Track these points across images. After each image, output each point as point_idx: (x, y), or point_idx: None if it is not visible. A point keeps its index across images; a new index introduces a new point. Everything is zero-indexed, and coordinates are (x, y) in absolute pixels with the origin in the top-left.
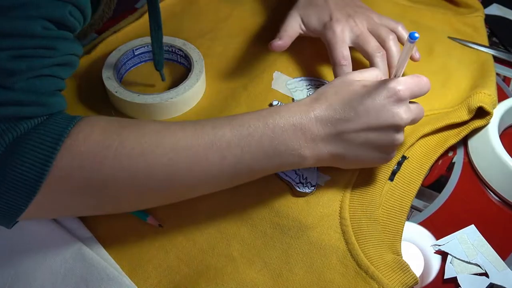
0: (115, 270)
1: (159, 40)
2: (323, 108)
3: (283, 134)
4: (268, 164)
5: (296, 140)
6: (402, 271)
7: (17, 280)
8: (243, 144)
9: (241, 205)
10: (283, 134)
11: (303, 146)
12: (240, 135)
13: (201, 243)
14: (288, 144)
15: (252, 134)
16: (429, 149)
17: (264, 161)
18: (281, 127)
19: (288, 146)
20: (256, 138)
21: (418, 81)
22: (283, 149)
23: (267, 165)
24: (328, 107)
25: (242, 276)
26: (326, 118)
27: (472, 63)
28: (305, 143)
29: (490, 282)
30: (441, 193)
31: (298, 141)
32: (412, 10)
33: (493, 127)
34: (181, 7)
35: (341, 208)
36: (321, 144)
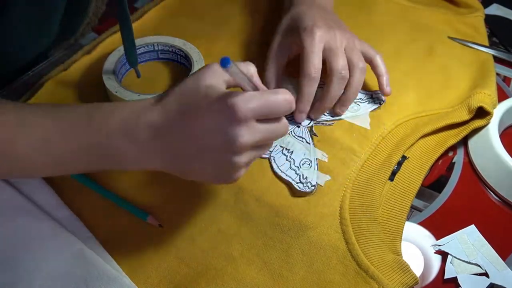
0: (115, 270)
1: (129, 38)
2: (158, 113)
3: (108, 138)
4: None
5: (120, 147)
6: (402, 271)
7: (17, 280)
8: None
9: (241, 205)
10: (108, 138)
11: (129, 154)
12: (62, 128)
13: (201, 243)
14: (112, 149)
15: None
16: (429, 149)
17: (84, 158)
18: (108, 130)
19: (112, 151)
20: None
21: (268, 100)
22: (105, 153)
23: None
24: (163, 112)
25: (242, 276)
26: (157, 125)
27: (472, 63)
28: (131, 152)
29: (490, 282)
30: (441, 193)
31: (123, 148)
32: (412, 10)
33: (493, 127)
34: (181, 7)
35: (341, 208)
36: (149, 154)
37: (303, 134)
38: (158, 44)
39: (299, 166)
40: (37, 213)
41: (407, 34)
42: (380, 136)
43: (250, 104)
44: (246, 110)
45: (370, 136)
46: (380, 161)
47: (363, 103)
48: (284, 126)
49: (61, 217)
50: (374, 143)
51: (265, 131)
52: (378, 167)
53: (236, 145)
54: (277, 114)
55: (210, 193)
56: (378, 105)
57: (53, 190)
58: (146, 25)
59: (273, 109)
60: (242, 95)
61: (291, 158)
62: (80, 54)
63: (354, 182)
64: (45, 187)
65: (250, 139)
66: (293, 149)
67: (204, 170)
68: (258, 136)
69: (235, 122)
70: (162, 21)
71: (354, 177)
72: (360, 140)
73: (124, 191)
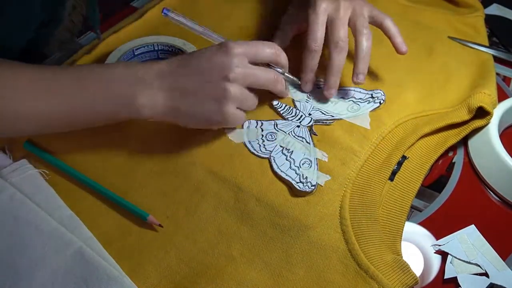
0: (115, 270)
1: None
2: (163, 62)
3: (119, 79)
4: (104, 109)
5: (132, 86)
6: (402, 271)
7: (17, 280)
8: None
9: (241, 205)
10: (120, 79)
11: (138, 93)
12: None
13: (201, 243)
14: (125, 89)
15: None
16: (429, 149)
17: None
18: (120, 73)
19: (123, 91)
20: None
21: (256, 45)
22: (119, 93)
23: (103, 109)
24: (168, 61)
25: (242, 276)
26: (164, 69)
27: (472, 63)
28: (140, 91)
29: (490, 282)
30: (441, 193)
31: (132, 87)
32: (412, 10)
33: (493, 127)
34: (181, 7)
35: (341, 208)
36: (156, 92)
37: (303, 134)
38: (158, 44)
39: (299, 166)
40: (37, 213)
41: (407, 34)
42: (380, 136)
43: (242, 46)
44: (239, 48)
45: (370, 136)
46: (380, 161)
47: (363, 103)
48: (271, 72)
49: (61, 217)
50: (374, 143)
51: (254, 69)
52: (378, 167)
53: (230, 72)
54: (263, 57)
55: (210, 193)
56: (378, 104)
57: (53, 190)
58: (146, 25)
59: (260, 52)
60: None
61: (291, 158)
62: (80, 54)
63: (354, 182)
64: (46, 187)
65: (241, 69)
66: (293, 149)
67: (200, 105)
68: (248, 70)
69: (229, 54)
70: (162, 21)
71: (354, 177)
72: (360, 140)
73: (124, 191)
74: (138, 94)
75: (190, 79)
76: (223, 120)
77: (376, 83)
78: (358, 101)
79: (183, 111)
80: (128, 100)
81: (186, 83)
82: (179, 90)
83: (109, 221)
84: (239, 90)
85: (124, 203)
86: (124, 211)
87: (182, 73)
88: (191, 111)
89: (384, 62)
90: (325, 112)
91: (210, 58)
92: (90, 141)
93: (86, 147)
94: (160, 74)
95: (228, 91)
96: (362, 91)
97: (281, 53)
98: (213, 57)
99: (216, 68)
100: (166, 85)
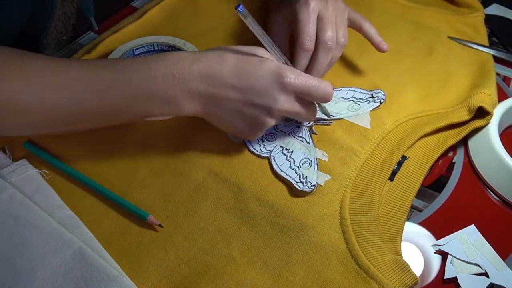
0: (115, 270)
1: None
2: (210, 65)
3: (163, 81)
4: (146, 107)
5: (173, 89)
6: (402, 271)
7: (17, 280)
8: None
9: (241, 205)
10: (163, 81)
11: (179, 96)
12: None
13: (201, 243)
14: (166, 91)
15: (131, 78)
16: (429, 149)
17: (141, 104)
18: (162, 75)
19: (166, 93)
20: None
21: (312, 83)
22: (160, 95)
23: (144, 108)
24: (216, 66)
25: (242, 276)
26: (208, 76)
27: (472, 63)
28: (182, 94)
29: (490, 282)
30: (441, 193)
31: (175, 90)
32: (412, 10)
33: (493, 127)
34: (181, 7)
35: (341, 208)
36: (197, 100)
37: (303, 134)
38: (158, 44)
39: (299, 166)
40: (37, 213)
41: (407, 34)
42: (380, 136)
43: (298, 79)
44: (294, 83)
45: (370, 136)
46: (380, 161)
47: (363, 103)
48: (313, 112)
49: (61, 217)
50: (374, 143)
51: (297, 108)
52: (378, 167)
53: (276, 107)
54: (314, 98)
55: (210, 193)
56: (379, 104)
57: (53, 191)
58: (146, 25)
59: (313, 93)
60: (293, 69)
61: (291, 158)
62: (80, 53)
63: (354, 182)
64: (46, 187)
65: (286, 108)
66: (293, 148)
67: (239, 123)
68: (291, 109)
69: (283, 90)
70: (162, 21)
71: (354, 177)
72: (360, 140)
73: (124, 191)
74: (179, 99)
75: (235, 94)
76: (253, 138)
77: (376, 83)
78: (358, 101)
79: (218, 121)
80: (169, 101)
81: (228, 104)
82: (222, 100)
83: (109, 221)
84: (275, 122)
85: (124, 203)
86: (124, 211)
87: (226, 91)
88: (225, 125)
89: (385, 62)
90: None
91: (262, 83)
92: (90, 141)
93: (86, 147)
94: (203, 78)
95: (267, 124)
96: (362, 91)
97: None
98: (266, 83)
99: (264, 97)
100: (207, 98)
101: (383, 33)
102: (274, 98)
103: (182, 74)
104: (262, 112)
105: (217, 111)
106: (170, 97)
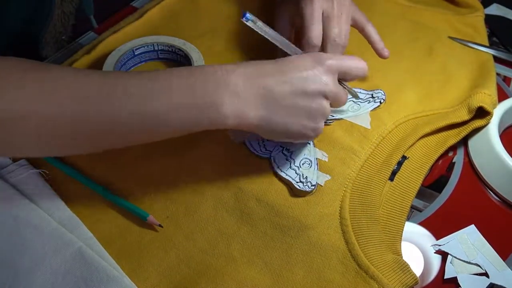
0: (115, 270)
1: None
2: (251, 64)
3: (204, 86)
4: (186, 119)
5: (217, 93)
6: (402, 271)
7: (17, 280)
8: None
9: (241, 205)
10: (204, 86)
11: (225, 101)
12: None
13: (201, 243)
14: (209, 96)
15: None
16: (429, 149)
17: (182, 114)
18: (202, 80)
19: (209, 99)
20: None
21: (350, 60)
22: (202, 102)
23: (184, 119)
24: (256, 63)
25: (242, 276)
26: (252, 72)
27: (472, 63)
28: (228, 98)
29: (490, 282)
30: (441, 193)
31: (219, 94)
32: (412, 10)
33: (493, 127)
34: (181, 7)
35: (341, 208)
36: (245, 101)
37: None
38: (158, 44)
39: (299, 166)
40: (38, 213)
41: (407, 34)
42: (380, 136)
43: (336, 60)
44: (333, 62)
45: (370, 136)
46: (380, 161)
47: (363, 103)
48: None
49: (61, 217)
50: (374, 143)
51: (340, 89)
52: (378, 167)
53: (327, 89)
54: (355, 74)
55: (210, 193)
56: (379, 104)
57: (53, 191)
58: (146, 25)
59: (353, 69)
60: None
61: (291, 158)
62: (80, 54)
63: (354, 182)
64: (46, 187)
65: (335, 89)
66: (293, 149)
67: (298, 118)
68: (338, 90)
69: (327, 70)
70: (162, 21)
71: (354, 177)
72: (360, 140)
73: (124, 191)
74: (225, 103)
75: (284, 87)
76: (316, 136)
77: (376, 83)
78: (358, 101)
79: (273, 126)
80: (212, 110)
81: (281, 97)
82: (273, 97)
83: (109, 221)
84: (330, 107)
85: (124, 203)
86: (124, 211)
87: (274, 80)
88: (284, 123)
89: (385, 62)
90: None
91: (306, 69)
92: None
93: None
94: (250, 77)
95: (325, 108)
96: (362, 91)
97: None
98: (309, 69)
99: (313, 82)
100: (256, 90)
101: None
102: (323, 81)
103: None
104: (316, 99)
105: (269, 113)
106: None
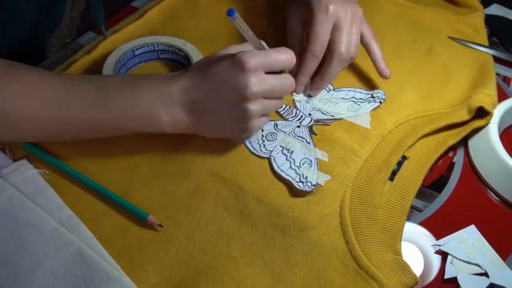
0: (115, 270)
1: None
2: (184, 77)
3: (144, 97)
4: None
5: (155, 105)
6: (402, 271)
7: (17, 280)
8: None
9: (241, 205)
10: (144, 97)
11: (161, 112)
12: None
13: (201, 243)
14: (147, 107)
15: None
16: (429, 149)
17: (125, 121)
18: (143, 91)
19: (147, 109)
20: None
21: (272, 55)
22: (143, 111)
23: (128, 125)
24: (189, 76)
25: (242, 276)
26: (185, 84)
27: (472, 63)
28: (164, 109)
29: (490, 282)
30: (441, 193)
31: (157, 107)
32: (412, 10)
33: (493, 127)
34: (181, 7)
35: (341, 208)
36: (179, 110)
37: (303, 134)
38: (158, 44)
39: (299, 166)
40: (37, 213)
41: (407, 34)
42: (380, 136)
43: (256, 58)
44: (253, 62)
45: (370, 136)
46: (380, 161)
47: (363, 103)
48: (289, 79)
49: (61, 217)
50: (374, 143)
51: (272, 81)
52: (378, 167)
53: (247, 92)
54: (280, 67)
55: (210, 193)
56: (379, 104)
57: (53, 190)
58: (146, 25)
59: (277, 63)
60: (249, 51)
61: (291, 158)
62: (80, 54)
63: (354, 182)
64: (46, 187)
65: (259, 87)
66: (293, 149)
67: (223, 122)
68: (266, 85)
69: (244, 72)
70: (162, 21)
71: (354, 177)
72: (360, 140)
73: (124, 191)
74: (162, 113)
75: (208, 96)
76: (249, 133)
77: (376, 83)
78: (358, 101)
79: (207, 127)
80: (151, 118)
81: (205, 100)
82: (199, 106)
83: (109, 221)
84: (259, 105)
85: (124, 203)
86: (124, 211)
87: (201, 89)
88: (213, 127)
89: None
90: (325, 112)
91: (225, 75)
92: (90, 141)
93: (86, 147)
94: (182, 90)
95: (250, 110)
96: (362, 91)
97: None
98: (228, 75)
99: (233, 88)
100: (187, 102)
101: (383, 33)
102: (241, 84)
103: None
104: (239, 104)
105: (199, 120)
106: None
